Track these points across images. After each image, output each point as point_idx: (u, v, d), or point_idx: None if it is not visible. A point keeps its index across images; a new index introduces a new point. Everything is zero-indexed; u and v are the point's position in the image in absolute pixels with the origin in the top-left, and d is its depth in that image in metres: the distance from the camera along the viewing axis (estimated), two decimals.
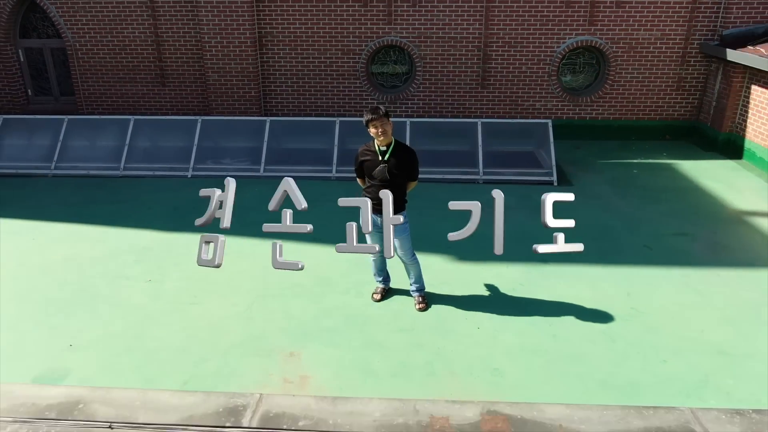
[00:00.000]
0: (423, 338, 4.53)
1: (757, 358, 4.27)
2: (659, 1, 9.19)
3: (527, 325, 4.69)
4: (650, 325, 4.72)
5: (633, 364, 4.18)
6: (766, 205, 7.27)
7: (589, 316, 4.84)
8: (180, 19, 9.67)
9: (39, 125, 8.82)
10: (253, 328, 4.68)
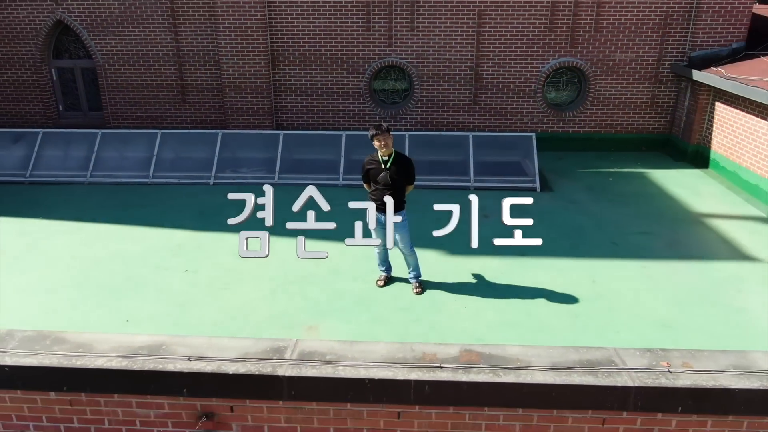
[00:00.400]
0: (419, 315, 5.48)
1: (695, 330, 5.23)
2: (633, 25, 10.23)
3: (506, 305, 5.64)
4: (609, 305, 5.67)
5: (590, 334, 5.13)
6: (723, 209, 8.25)
7: (558, 298, 5.79)
8: (200, 42, 10.71)
9: (75, 138, 9.82)
10: (277, 307, 5.64)
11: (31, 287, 6.04)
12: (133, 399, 3.55)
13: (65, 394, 3.56)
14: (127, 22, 10.69)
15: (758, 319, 5.39)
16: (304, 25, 10.48)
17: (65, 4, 10.64)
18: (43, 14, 10.76)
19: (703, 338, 5.03)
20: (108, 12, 10.64)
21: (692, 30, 10.08)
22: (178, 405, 3.54)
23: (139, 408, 3.58)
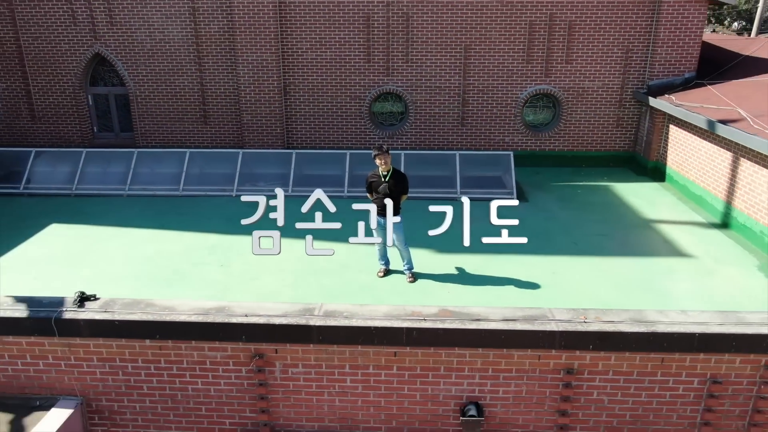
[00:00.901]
0: (412, 299, 6.93)
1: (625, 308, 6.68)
2: (599, 57, 11.83)
3: (481, 291, 7.11)
4: (564, 290, 7.14)
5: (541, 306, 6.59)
6: (671, 216, 9.76)
7: (524, 285, 7.26)
8: (221, 72, 12.27)
9: (113, 156, 11.33)
10: (298, 293, 7.08)
11: (97, 279, 7.47)
12: (205, 344, 4.98)
13: (156, 341, 4.99)
14: (157, 54, 12.26)
15: (678, 300, 6.87)
16: (312, 57, 12.05)
17: (103, 39, 12.20)
18: (83, 48, 12.32)
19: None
20: (140, 46, 12.21)
21: (650, 62, 11.69)
22: (238, 348, 4.97)
23: (209, 351, 5.00)
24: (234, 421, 5.23)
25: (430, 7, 11.62)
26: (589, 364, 4.85)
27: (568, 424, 5.01)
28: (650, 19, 11.52)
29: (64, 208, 10.29)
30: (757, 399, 4.86)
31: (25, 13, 12.13)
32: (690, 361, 4.79)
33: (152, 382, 5.15)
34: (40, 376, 5.19)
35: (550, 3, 11.52)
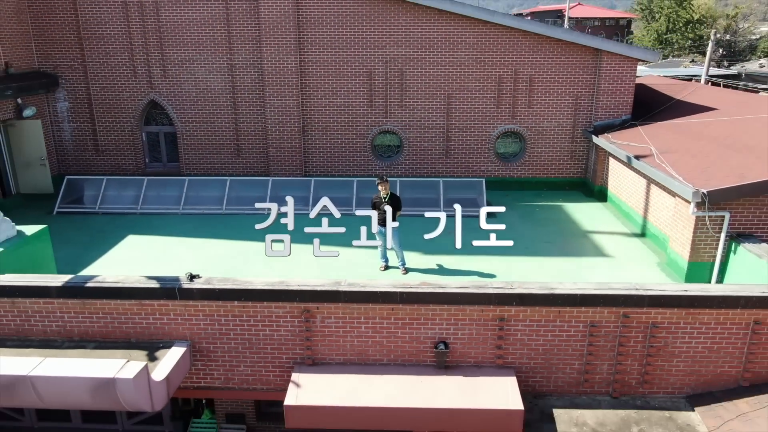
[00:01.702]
0: None
1: None
2: (554, 103, 14.96)
3: (452, 277, 10.07)
4: (512, 278, 10.10)
5: None
6: (605, 228, 12.79)
7: (485, 275, 10.23)
8: (252, 114, 15.36)
9: (169, 183, 14.35)
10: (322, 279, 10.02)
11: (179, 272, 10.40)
12: (272, 304, 7.89)
13: (240, 302, 7.90)
14: (200, 100, 15.37)
15: None
16: (326, 103, 15.17)
17: (157, 89, 15.33)
18: (141, 95, 15.44)
19: None
20: (187, 94, 15.32)
21: (594, 107, 14.83)
22: (293, 307, 7.88)
23: (275, 308, 7.91)
24: (288, 356, 8.14)
25: (419, 63, 14.79)
26: (513, 315, 7.79)
27: (502, 355, 7.93)
28: (594, 74, 14.69)
29: (133, 223, 13.28)
30: (620, 336, 7.79)
31: (95, 68, 15.26)
32: (576, 313, 7.73)
33: (236, 330, 8.07)
34: (164, 326, 8.10)
35: (514, 61, 14.70)
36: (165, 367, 7.38)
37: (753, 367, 7.87)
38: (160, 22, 14.84)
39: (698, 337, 7.80)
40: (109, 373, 6.69)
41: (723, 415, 7.63)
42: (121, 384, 6.63)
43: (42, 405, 7.15)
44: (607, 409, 7.98)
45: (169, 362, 7.54)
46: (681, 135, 12.79)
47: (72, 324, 8.16)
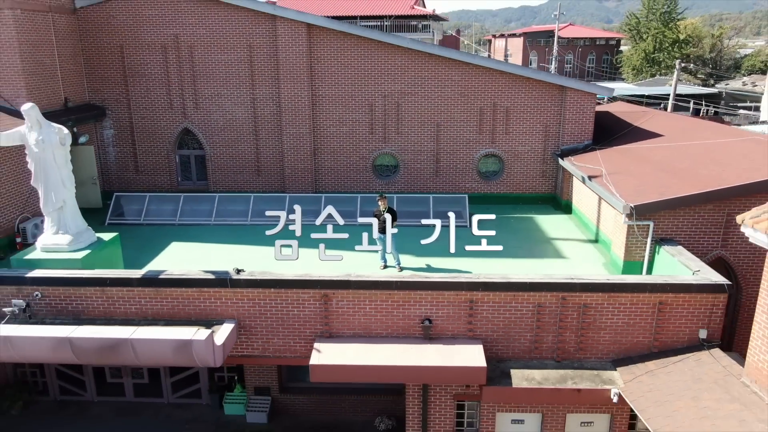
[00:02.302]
0: None
1: None
2: (527, 131, 17.74)
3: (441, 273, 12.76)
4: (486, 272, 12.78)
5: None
6: (566, 235, 15.50)
7: (465, 272, 12.90)
8: (271, 140, 18.12)
9: (202, 199, 17.07)
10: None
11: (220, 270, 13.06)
12: (300, 290, 10.56)
13: (275, 289, 10.56)
14: (227, 128, 18.14)
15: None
16: (333, 130, 17.95)
17: (190, 118, 18.11)
18: (176, 124, 18.21)
19: None
20: (215, 123, 18.10)
21: (561, 134, 17.62)
22: (315, 292, 10.54)
23: (301, 294, 10.57)
24: (311, 330, 10.80)
25: (412, 97, 17.60)
26: (480, 298, 10.47)
27: (472, 329, 10.60)
28: (560, 106, 17.50)
29: (174, 232, 15.98)
30: (560, 314, 10.47)
31: (137, 101, 18.06)
32: (527, 296, 10.41)
33: (272, 311, 10.74)
34: (217, 308, 10.76)
35: (493, 95, 17.52)
36: (222, 335, 10.06)
37: (660, 337, 10.57)
38: (193, 63, 17.66)
39: (618, 315, 10.51)
40: (187, 336, 9.38)
41: (636, 372, 10.31)
42: (195, 344, 9.31)
43: (137, 363, 9.82)
44: (551, 369, 10.66)
45: (224, 333, 10.21)
46: (628, 158, 15.55)
47: (147, 307, 10.85)
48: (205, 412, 14.29)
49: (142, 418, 14.12)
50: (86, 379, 14.75)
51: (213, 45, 17.52)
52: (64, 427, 13.81)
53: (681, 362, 10.26)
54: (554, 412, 11.17)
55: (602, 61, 78.73)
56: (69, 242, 11.44)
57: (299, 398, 13.97)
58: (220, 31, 17.36)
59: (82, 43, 17.64)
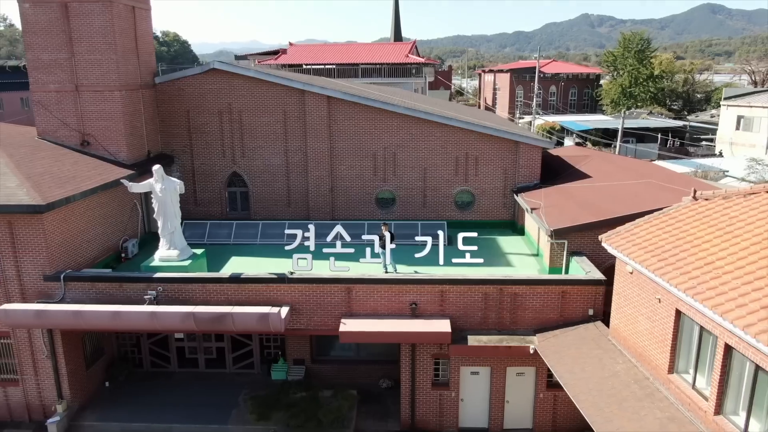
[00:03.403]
0: None
1: None
2: (492, 173, 23.92)
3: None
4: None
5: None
6: (516, 251, 21.58)
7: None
8: (299, 180, 24.25)
9: (249, 225, 23.14)
10: None
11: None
12: (331, 285, 16.51)
13: (316, 285, 16.53)
14: (266, 171, 24.29)
15: None
16: (346, 173, 24.13)
17: (238, 164, 24.28)
18: (226, 168, 24.37)
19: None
20: (257, 167, 24.25)
21: (516, 175, 23.82)
22: (341, 287, 16.53)
23: (332, 287, 16.53)
24: (339, 311, 16.75)
25: (405, 149, 23.83)
26: (448, 290, 16.48)
27: (443, 310, 16.58)
28: (515, 155, 23.71)
29: (231, 250, 21.99)
30: (499, 300, 16.46)
31: (198, 151, 24.25)
32: (478, 288, 16.42)
33: (313, 298, 16.69)
34: (278, 297, 16.72)
35: (466, 146, 23.74)
36: (283, 313, 16.03)
37: (563, 314, 16.60)
38: (241, 123, 23.89)
39: (536, 299, 16.55)
40: (266, 311, 15.39)
41: (546, 336, 16.31)
42: (271, 316, 15.32)
43: (233, 329, 15.79)
44: (493, 335, 16.66)
45: (284, 312, 16.18)
46: (561, 195, 21.69)
47: (231, 296, 16.84)
48: (257, 379, 20.17)
49: (212, 383, 19.99)
50: (170, 355, 20.69)
51: (257, 110, 23.77)
52: (157, 389, 19.68)
53: (574, 330, 16.29)
54: (498, 366, 17.15)
55: (583, 95, 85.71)
56: (177, 255, 17.51)
57: (325, 367, 19.92)
58: (263, 101, 23.64)
59: (159, 108, 23.87)
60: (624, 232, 15.03)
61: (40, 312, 15.86)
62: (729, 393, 11.19)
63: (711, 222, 13.61)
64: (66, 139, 21.35)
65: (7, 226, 16.65)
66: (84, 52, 20.65)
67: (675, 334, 12.68)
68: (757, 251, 11.77)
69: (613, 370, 14.18)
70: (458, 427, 17.80)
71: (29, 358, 17.77)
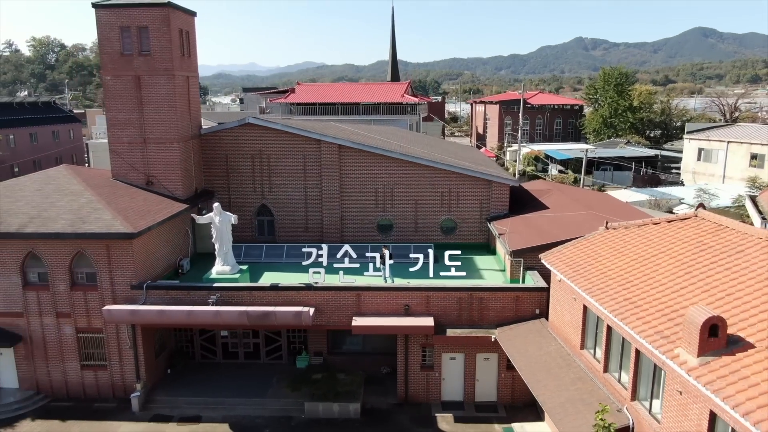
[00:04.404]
0: None
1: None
2: (470, 204, 30.07)
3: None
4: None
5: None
6: (489, 266, 27.65)
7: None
8: (315, 211, 30.37)
9: (276, 247, 29.20)
10: None
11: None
12: (345, 291, 22.47)
13: (333, 291, 22.49)
14: (288, 203, 30.43)
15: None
16: (353, 205, 30.28)
17: (266, 198, 30.43)
18: (257, 201, 30.50)
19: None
20: (281, 200, 30.39)
21: (489, 206, 29.99)
22: (352, 293, 22.46)
23: (345, 293, 22.48)
24: (351, 312, 22.66)
25: (401, 185, 30.05)
26: (432, 295, 22.47)
27: (428, 310, 22.53)
28: (489, 190, 29.92)
29: (263, 267, 27.98)
30: (470, 303, 22.43)
31: (233, 187, 30.42)
32: (453, 294, 22.40)
33: (331, 302, 22.64)
34: (305, 300, 22.64)
35: (449, 184, 29.95)
36: (311, 312, 21.98)
37: (517, 312, 22.64)
38: (269, 165, 30.08)
39: (497, 302, 22.59)
40: (300, 309, 21.37)
41: (504, 329, 22.32)
42: (303, 314, 21.34)
43: (276, 324, 21.73)
44: (465, 328, 22.65)
45: (312, 311, 22.12)
46: (523, 223, 27.78)
47: (271, 300, 22.80)
48: (285, 368, 26.06)
49: (250, 371, 25.86)
50: (217, 349, 26.60)
51: (282, 155, 29.98)
52: (208, 375, 25.55)
53: (524, 324, 22.28)
54: (470, 353, 23.09)
55: (568, 124, 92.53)
56: (230, 270, 23.55)
57: (338, 358, 25.83)
58: (286, 147, 29.87)
59: (203, 153, 30.06)
60: (556, 252, 21.13)
61: (133, 311, 21.82)
62: (612, 358, 17.17)
63: (611, 245, 19.72)
64: (134, 180, 27.48)
65: (104, 248, 22.67)
66: (151, 113, 26.87)
67: (583, 322, 18.70)
68: (635, 265, 17.84)
69: (547, 350, 20.15)
70: (441, 400, 23.68)
71: (116, 349, 23.66)
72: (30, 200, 24.29)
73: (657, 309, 15.21)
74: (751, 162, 53.07)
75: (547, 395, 17.81)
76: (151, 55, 26.21)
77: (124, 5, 25.85)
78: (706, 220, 18.73)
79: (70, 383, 24.22)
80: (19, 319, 23.54)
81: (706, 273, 15.88)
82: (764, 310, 13.51)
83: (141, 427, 22.25)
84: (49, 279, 23.18)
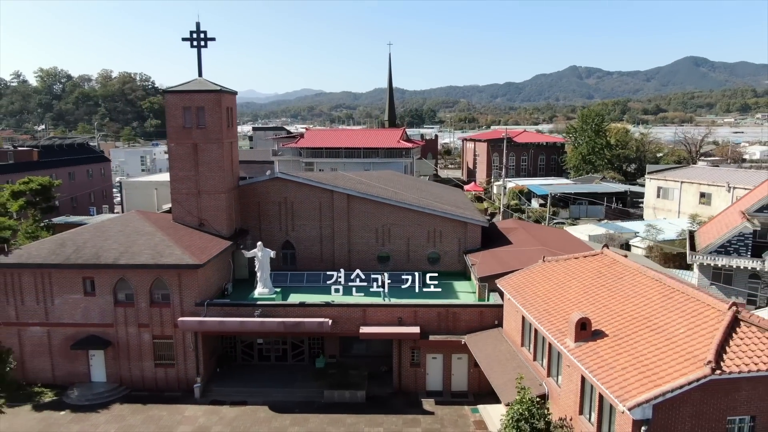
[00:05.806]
0: None
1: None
2: (451, 240, 38.53)
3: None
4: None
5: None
6: (463, 290, 36.01)
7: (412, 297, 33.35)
8: (328, 245, 38.78)
9: (298, 274, 37.55)
10: None
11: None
12: (355, 308, 30.72)
13: (346, 308, 30.74)
14: (307, 239, 38.90)
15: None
16: (358, 240, 38.79)
17: (289, 235, 38.87)
18: (281, 238, 38.94)
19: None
20: (302, 237, 38.84)
21: (465, 242, 38.47)
22: (360, 308, 30.74)
23: (354, 309, 30.71)
24: (359, 322, 30.88)
25: (396, 226, 38.63)
26: (418, 309, 30.71)
27: (415, 321, 30.76)
28: (465, 229, 38.47)
29: (290, 290, 36.25)
30: (447, 317, 30.70)
31: (264, 226, 38.97)
32: (433, 309, 30.68)
33: (344, 316, 30.92)
34: (324, 314, 30.84)
35: (434, 224, 38.52)
36: (329, 322, 30.24)
37: (482, 323, 31.01)
38: (293, 210, 38.59)
39: (466, 316, 30.96)
40: (322, 320, 29.66)
41: (472, 336, 30.64)
42: (324, 323, 29.61)
43: (304, 331, 29.99)
44: (443, 335, 30.91)
45: (329, 321, 30.37)
46: (490, 255, 36.18)
47: (299, 314, 31.07)
48: (307, 367, 34.25)
49: (280, 370, 34.03)
50: (254, 353, 34.82)
51: (302, 201, 38.52)
52: (248, 373, 33.69)
53: (487, 331, 30.59)
54: (447, 353, 31.35)
55: (551, 160, 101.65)
56: (268, 292, 31.93)
57: (348, 359, 34.03)
58: (306, 195, 38.45)
59: (240, 200, 38.57)
60: (507, 278, 29.55)
61: (200, 321, 30.08)
62: (538, 350, 25.47)
63: (543, 273, 28.16)
64: (190, 222, 35.93)
65: (177, 275, 31.01)
66: (205, 171, 35.45)
67: (522, 328, 27.01)
68: (555, 288, 26.23)
69: (500, 349, 28.43)
70: (426, 389, 31.82)
71: (182, 351, 31.82)
72: (116, 239, 32.69)
73: (561, 316, 23.60)
74: (700, 200, 61.86)
75: (496, 378, 26.06)
76: (206, 127, 34.90)
77: (187, 91, 34.64)
78: (607, 257, 27.24)
79: (146, 378, 32.32)
80: (110, 328, 31.77)
81: (596, 292, 24.34)
82: (621, 315, 21.91)
83: (203, 409, 30.31)
84: (134, 298, 31.48)
